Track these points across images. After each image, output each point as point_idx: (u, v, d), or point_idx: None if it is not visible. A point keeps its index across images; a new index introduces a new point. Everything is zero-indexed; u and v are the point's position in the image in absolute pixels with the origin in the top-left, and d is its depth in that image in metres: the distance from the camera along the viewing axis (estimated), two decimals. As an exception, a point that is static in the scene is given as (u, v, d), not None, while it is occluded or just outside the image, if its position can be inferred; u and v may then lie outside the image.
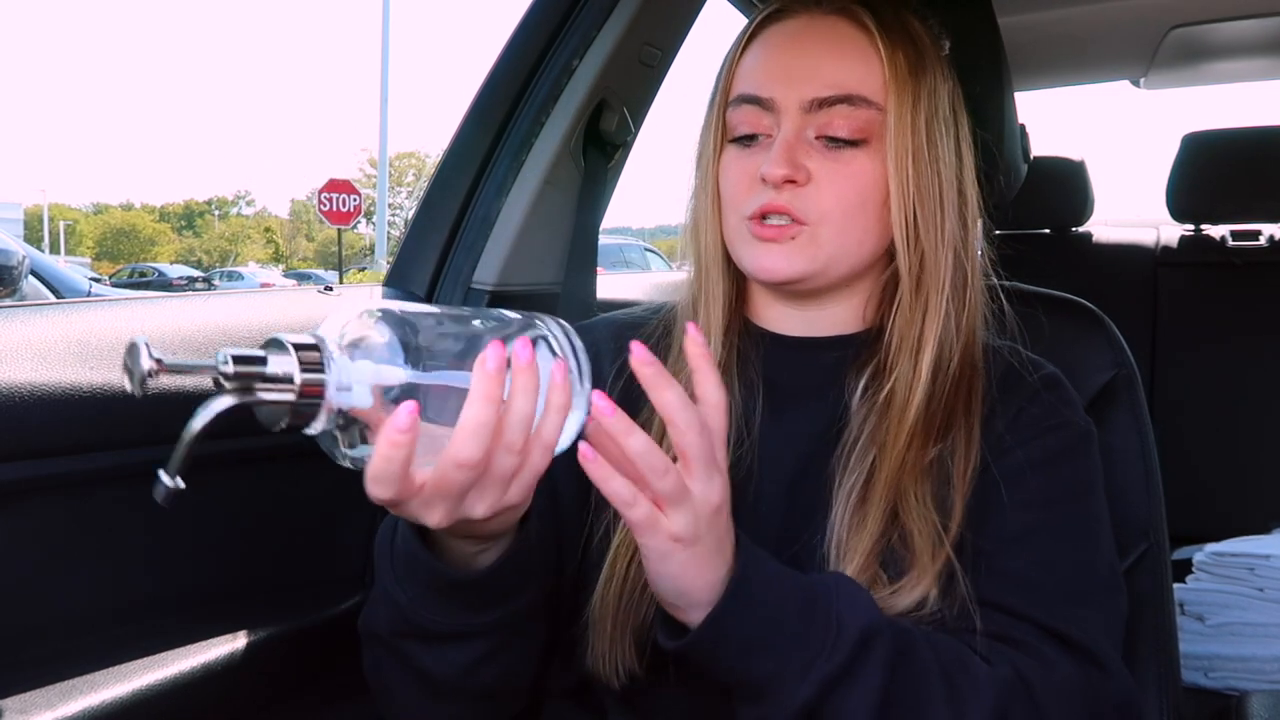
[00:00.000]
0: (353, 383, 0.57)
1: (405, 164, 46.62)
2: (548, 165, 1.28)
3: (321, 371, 0.56)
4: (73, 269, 8.56)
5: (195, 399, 0.55)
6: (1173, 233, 2.34)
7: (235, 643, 0.96)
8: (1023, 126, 1.20)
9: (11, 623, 0.86)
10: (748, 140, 0.86)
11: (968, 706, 0.71)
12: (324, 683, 1.07)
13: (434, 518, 0.61)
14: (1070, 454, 0.84)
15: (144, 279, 25.20)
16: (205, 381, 0.55)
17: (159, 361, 0.53)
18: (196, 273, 29.61)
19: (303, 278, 27.82)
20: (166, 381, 0.93)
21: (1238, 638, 1.61)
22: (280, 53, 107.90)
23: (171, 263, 39.69)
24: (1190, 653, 1.60)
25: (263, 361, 0.55)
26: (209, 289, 21.48)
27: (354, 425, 0.58)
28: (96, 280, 9.91)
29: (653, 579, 0.68)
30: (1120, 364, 1.01)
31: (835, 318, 0.89)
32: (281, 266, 39.85)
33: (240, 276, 27.10)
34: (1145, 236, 2.37)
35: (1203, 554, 1.70)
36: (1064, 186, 2.37)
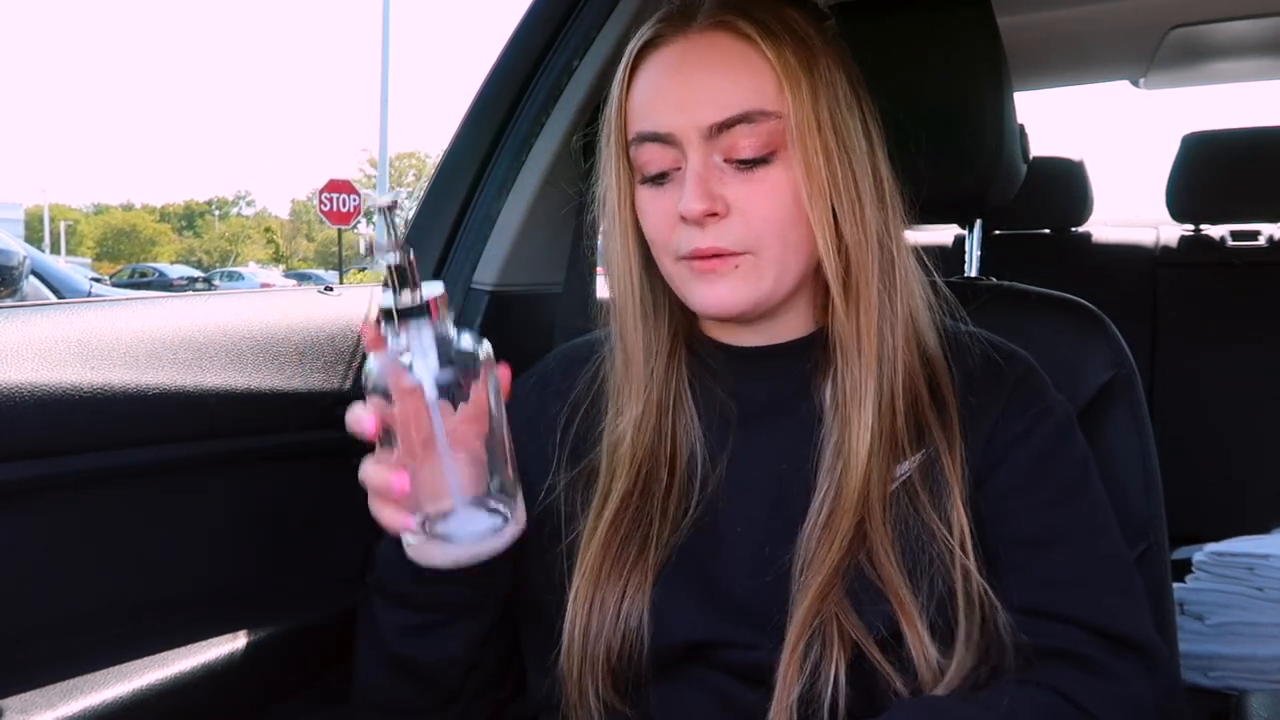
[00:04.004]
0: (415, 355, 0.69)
1: (405, 164, 46.55)
2: (548, 165, 1.27)
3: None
4: (73, 269, 8.57)
5: (194, 401, 0.55)
6: (1172, 233, 2.34)
7: (235, 643, 0.96)
8: (1022, 126, 1.20)
9: (11, 623, 0.86)
10: (660, 179, 0.82)
11: None
12: (323, 683, 1.07)
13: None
14: (1066, 440, 0.83)
15: (144, 279, 25.14)
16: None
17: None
18: (197, 273, 29.56)
19: (303, 278, 27.84)
20: (166, 381, 0.94)
21: (1237, 637, 1.61)
22: (280, 53, 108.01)
23: (172, 263, 39.62)
24: (1190, 652, 1.60)
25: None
26: (209, 289, 21.49)
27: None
28: (97, 280, 9.90)
29: None
30: (1119, 364, 1.01)
31: (788, 325, 0.87)
32: (282, 267, 39.79)
33: (240, 277, 27.04)
34: (1145, 236, 2.36)
35: (1202, 554, 1.70)
36: (1063, 186, 2.37)
